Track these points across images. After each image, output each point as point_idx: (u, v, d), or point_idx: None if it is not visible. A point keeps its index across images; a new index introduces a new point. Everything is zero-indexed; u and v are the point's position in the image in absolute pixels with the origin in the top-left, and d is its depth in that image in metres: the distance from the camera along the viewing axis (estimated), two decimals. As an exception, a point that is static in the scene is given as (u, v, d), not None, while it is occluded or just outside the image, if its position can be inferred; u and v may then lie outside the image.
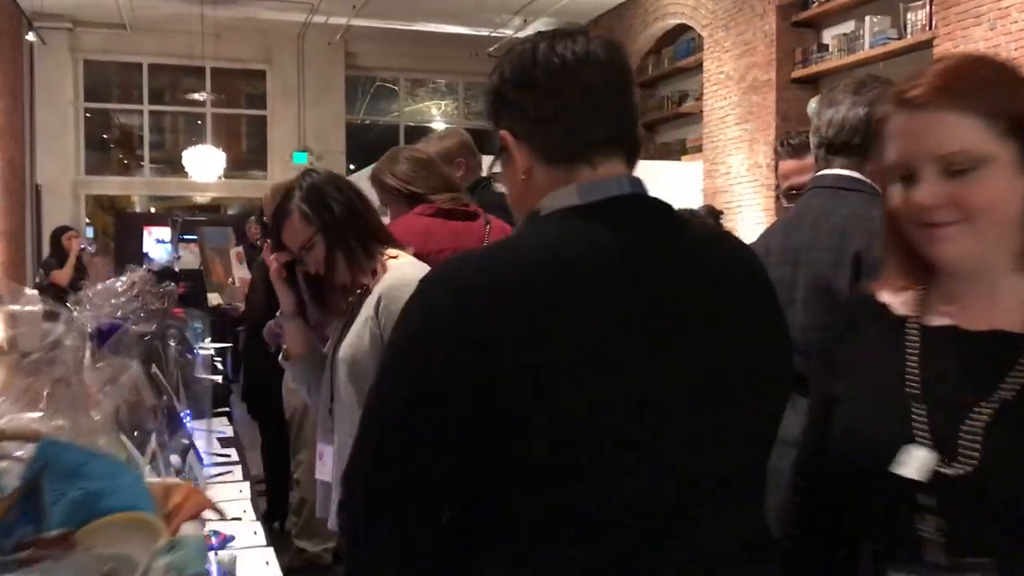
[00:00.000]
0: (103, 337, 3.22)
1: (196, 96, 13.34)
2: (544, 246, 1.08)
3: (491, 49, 12.38)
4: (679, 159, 10.12)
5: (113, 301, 3.20)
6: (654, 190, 1.18)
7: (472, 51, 12.61)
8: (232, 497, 2.54)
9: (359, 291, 2.18)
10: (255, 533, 2.21)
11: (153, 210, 13.60)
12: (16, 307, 1.97)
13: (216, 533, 2.10)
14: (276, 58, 12.69)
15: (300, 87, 12.71)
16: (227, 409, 3.96)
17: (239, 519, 2.31)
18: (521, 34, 11.41)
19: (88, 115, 12.66)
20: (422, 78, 14.13)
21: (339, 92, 13.04)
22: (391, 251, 2.21)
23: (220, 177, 12.22)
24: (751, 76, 8.40)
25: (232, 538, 2.11)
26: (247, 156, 13.71)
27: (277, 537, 4.48)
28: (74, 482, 0.87)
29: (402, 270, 2.11)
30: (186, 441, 2.96)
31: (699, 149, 9.58)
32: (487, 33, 12.01)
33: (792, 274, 2.02)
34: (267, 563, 2.00)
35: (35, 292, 2.29)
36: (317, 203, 2.16)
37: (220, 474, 2.82)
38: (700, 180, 9.15)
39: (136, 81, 12.85)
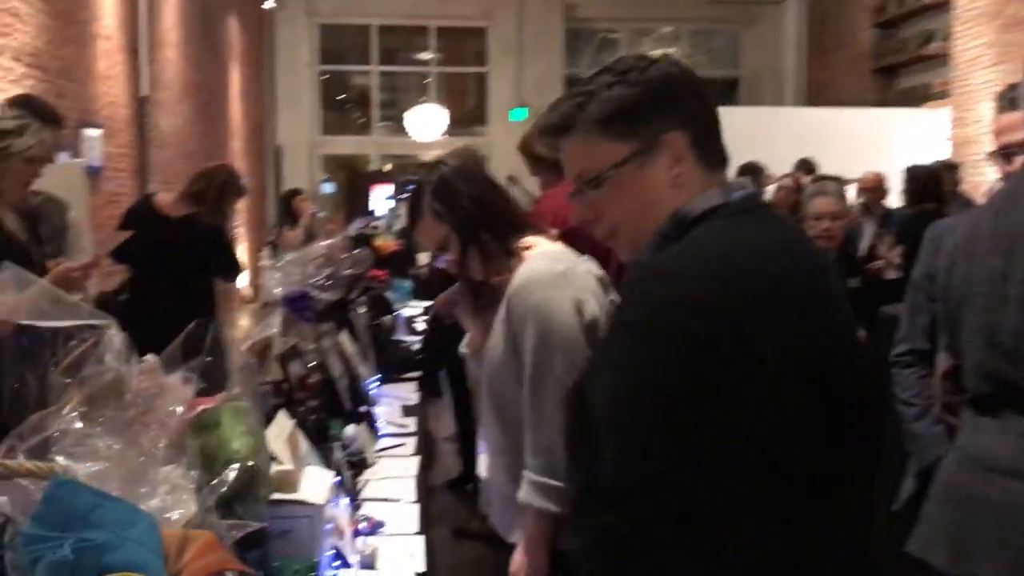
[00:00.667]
0: (291, 305, 3.30)
1: (422, 56, 13.68)
2: (739, 241, 1.17)
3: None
4: (921, 106, 9.26)
5: (302, 270, 3.26)
6: (894, 141, 1.05)
7: (696, -3, 12.07)
8: (396, 474, 2.49)
9: (496, 288, 2.01)
10: (408, 519, 2.14)
11: (386, 168, 14.15)
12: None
13: (366, 519, 2.04)
14: (496, 14, 12.74)
15: (519, 43, 12.70)
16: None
17: (396, 501, 2.25)
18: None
19: (323, 77, 13.31)
20: (645, 27, 13.72)
21: (558, 46, 12.92)
22: (528, 240, 2.03)
23: (443, 135, 12.49)
24: (1009, 12, 7.47)
25: (382, 524, 2.05)
26: (469, 113, 13.93)
27: (456, 504, 4.48)
28: (79, 529, 0.78)
29: (531, 266, 1.92)
30: (365, 409, 2.97)
31: (945, 95, 8.68)
32: (711, -23, 11.43)
33: (1004, 264, 1.65)
34: (411, 555, 1.92)
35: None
36: (447, 199, 2.02)
37: (393, 446, 2.79)
38: (946, 130, 8.28)
39: (364, 43, 13.35)
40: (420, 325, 4.99)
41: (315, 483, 1.69)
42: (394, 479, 2.45)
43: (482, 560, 3.61)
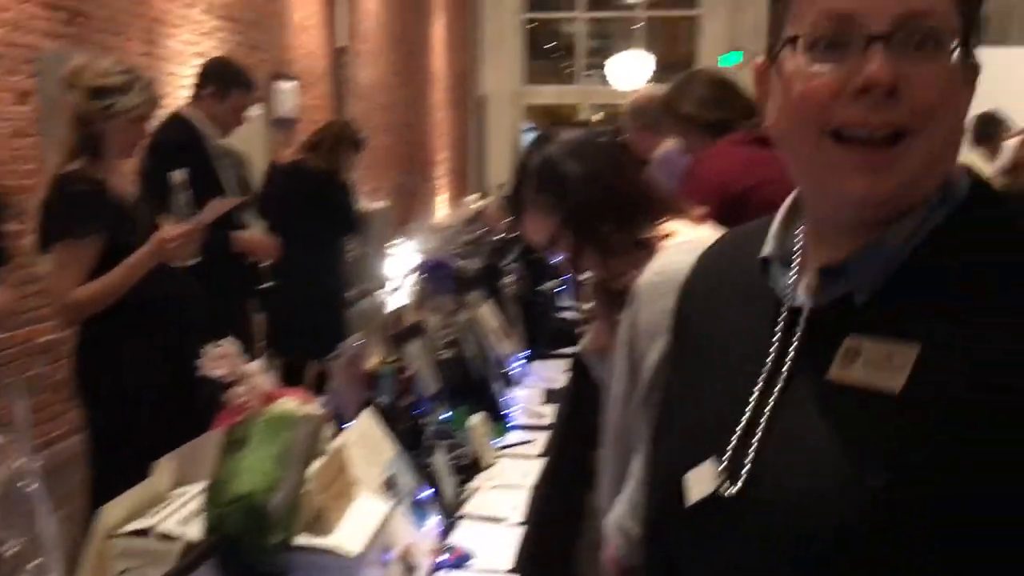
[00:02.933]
0: (429, 274, 3.03)
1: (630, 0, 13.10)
2: None
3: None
4: None
5: (442, 235, 2.98)
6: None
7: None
8: (514, 481, 2.17)
9: (623, 291, 1.61)
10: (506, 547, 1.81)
11: (596, 117, 13.74)
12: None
13: (451, 549, 1.74)
14: (711, -47, 11.94)
15: (734, -16, 11.85)
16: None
17: (499, 521, 1.93)
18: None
19: (529, 25, 13.03)
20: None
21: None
22: (668, 226, 1.60)
23: (649, 82, 11.92)
24: None
25: (468, 558, 1.73)
26: (680, 59, 13.22)
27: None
28: None
29: (666, 258, 1.50)
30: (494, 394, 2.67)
31: None
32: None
33: None
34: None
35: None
36: (554, 185, 1.62)
37: (521, 443, 2.47)
38: None
39: (573, -12, 12.92)
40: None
41: (360, 521, 1.39)
42: (507, 488, 2.12)
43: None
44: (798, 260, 0.84)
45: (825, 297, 0.79)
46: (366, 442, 1.75)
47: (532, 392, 2.93)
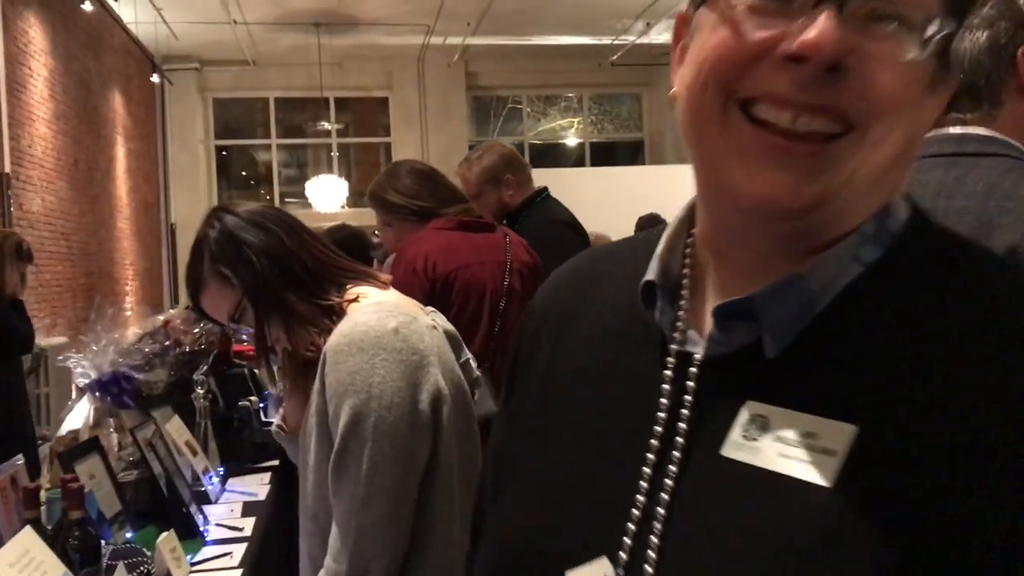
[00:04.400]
0: (104, 389, 2.84)
1: (324, 126, 13.38)
2: None
3: (614, 58, 11.78)
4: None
5: (117, 350, 2.81)
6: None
7: (595, 62, 12.05)
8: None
9: (312, 359, 1.61)
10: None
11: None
12: None
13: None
14: (397, 84, 12.55)
15: (422, 111, 12.50)
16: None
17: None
18: (645, 40, 10.78)
19: (221, 152, 12.87)
20: (547, 94, 13.69)
21: (462, 114, 12.77)
22: (355, 290, 1.64)
23: (343, 207, 12.12)
24: None
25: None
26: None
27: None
28: None
29: (353, 322, 1.52)
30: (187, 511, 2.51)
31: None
32: (609, 41, 11.41)
33: None
34: None
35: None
36: (234, 257, 1.61)
37: (217, 556, 2.34)
38: None
39: (263, 117, 12.98)
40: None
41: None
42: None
43: None
44: (687, 288, 0.66)
45: (723, 344, 0.61)
46: (26, 563, 1.58)
47: (229, 507, 2.80)
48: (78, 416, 2.69)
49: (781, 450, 0.55)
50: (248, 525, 2.63)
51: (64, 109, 8.57)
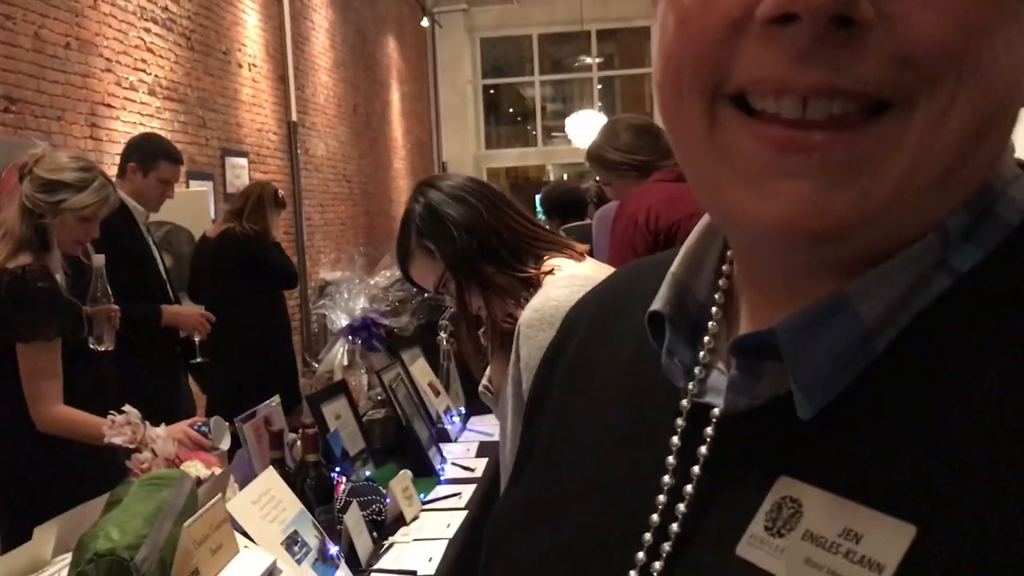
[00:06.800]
0: (357, 333, 3.05)
1: (585, 60, 13.39)
2: None
3: None
4: None
5: (363, 294, 3.00)
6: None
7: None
8: (435, 534, 2.16)
9: (511, 326, 1.63)
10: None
11: (565, 176, 13.93)
12: None
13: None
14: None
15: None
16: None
17: (411, 574, 1.91)
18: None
19: (488, 91, 13.29)
20: None
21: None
22: (551, 263, 1.63)
23: (606, 140, 12.13)
24: None
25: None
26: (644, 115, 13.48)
27: None
28: None
29: (545, 295, 1.53)
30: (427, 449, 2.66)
31: None
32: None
33: None
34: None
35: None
36: (437, 232, 1.65)
37: (447, 496, 2.46)
38: None
39: (528, 54, 13.21)
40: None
41: (239, 575, 1.39)
42: (427, 542, 2.11)
43: None
44: (715, 319, 0.49)
45: (747, 393, 0.44)
46: (267, 500, 1.75)
47: (466, 446, 2.93)
48: (332, 357, 2.91)
49: (810, 554, 0.37)
50: (480, 465, 2.75)
51: (343, 57, 9.18)
